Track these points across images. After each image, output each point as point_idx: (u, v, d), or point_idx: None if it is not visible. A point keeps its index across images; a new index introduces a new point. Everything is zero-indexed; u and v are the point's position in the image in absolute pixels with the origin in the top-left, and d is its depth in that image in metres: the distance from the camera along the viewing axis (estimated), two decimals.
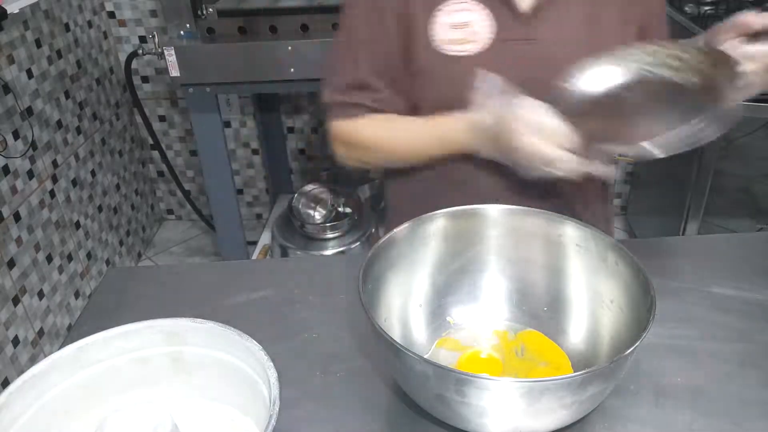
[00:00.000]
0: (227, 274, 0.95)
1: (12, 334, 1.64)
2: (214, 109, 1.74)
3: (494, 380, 0.57)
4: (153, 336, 0.62)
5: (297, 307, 0.85)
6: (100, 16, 2.20)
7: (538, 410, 0.57)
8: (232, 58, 1.61)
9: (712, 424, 0.66)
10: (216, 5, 1.68)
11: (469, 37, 0.86)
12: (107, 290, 0.91)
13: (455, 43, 0.86)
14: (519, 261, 0.78)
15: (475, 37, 0.86)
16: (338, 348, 0.78)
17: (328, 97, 0.95)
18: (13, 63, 1.70)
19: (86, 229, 2.07)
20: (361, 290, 0.64)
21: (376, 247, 0.70)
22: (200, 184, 2.55)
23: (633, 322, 0.65)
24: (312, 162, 2.55)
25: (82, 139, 2.07)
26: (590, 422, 0.66)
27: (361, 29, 0.91)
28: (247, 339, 0.59)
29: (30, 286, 1.74)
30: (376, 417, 0.69)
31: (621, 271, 0.69)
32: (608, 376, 0.58)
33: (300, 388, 0.72)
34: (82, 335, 0.60)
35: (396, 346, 0.58)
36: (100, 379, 0.61)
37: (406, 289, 0.76)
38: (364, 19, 0.90)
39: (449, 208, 0.76)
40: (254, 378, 0.59)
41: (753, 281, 0.86)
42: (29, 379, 0.56)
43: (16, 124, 1.70)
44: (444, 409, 0.61)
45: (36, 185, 1.79)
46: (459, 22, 0.86)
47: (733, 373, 0.72)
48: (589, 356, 0.72)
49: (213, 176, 1.85)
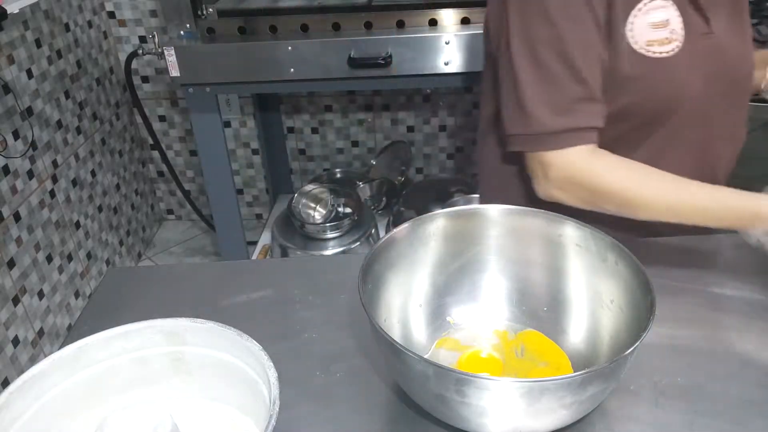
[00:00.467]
0: (227, 274, 0.95)
1: (12, 334, 1.64)
2: (214, 109, 1.74)
3: (494, 380, 0.57)
4: (153, 336, 0.62)
5: (297, 307, 0.85)
6: (100, 16, 2.20)
7: (538, 410, 0.57)
8: (232, 58, 1.61)
9: (712, 424, 0.66)
10: (216, 5, 1.68)
11: (671, 36, 0.82)
12: (107, 290, 0.91)
13: (661, 44, 0.82)
14: (519, 261, 0.78)
15: (675, 35, 0.82)
16: (338, 348, 0.78)
17: (545, 122, 0.80)
18: (13, 63, 1.70)
19: (86, 229, 2.07)
20: (361, 290, 0.64)
21: (376, 247, 0.70)
22: (200, 184, 2.55)
23: (633, 322, 0.65)
24: (312, 162, 2.55)
25: (82, 139, 2.07)
26: (590, 422, 0.66)
27: (571, 35, 0.78)
28: (247, 339, 0.59)
29: (30, 286, 1.74)
30: (376, 417, 0.69)
31: (621, 271, 0.69)
32: (608, 376, 0.58)
33: (300, 388, 0.72)
34: (82, 335, 0.60)
35: (396, 346, 0.58)
36: (100, 379, 0.61)
37: (406, 289, 0.76)
38: (570, 25, 0.78)
39: (450, 208, 0.77)
40: (254, 378, 0.59)
41: (753, 281, 0.86)
42: (29, 379, 0.56)
43: (16, 124, 1.70)
44: (444, 409, 0.61)
45: (36, 185, 1.79)
46: (659, 21, 0.82)
47: (733, 373, 0.72)
48: (589, 356, 0.71)
49: (213, 176, 1.85)
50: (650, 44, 0.81)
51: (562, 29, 0.78)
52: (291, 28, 1.65)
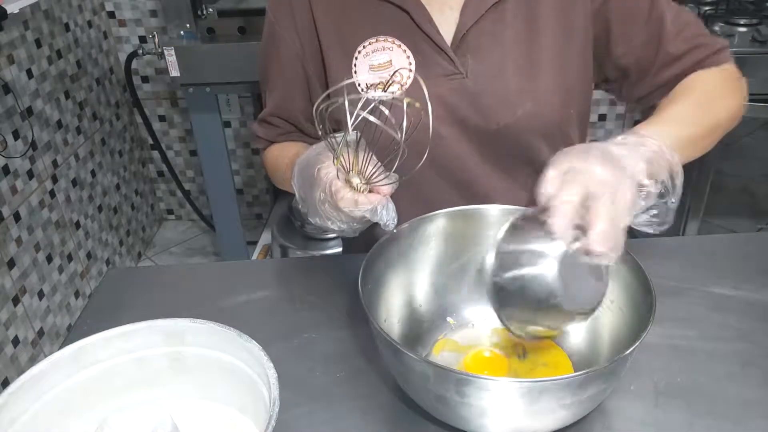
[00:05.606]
0: (227, 274, 0.95)
1: (12, 334, 1.64)
2: (214, 109, 1.74)
3: (494, 380, 0.57)
4: (153, 336, 0.62)
5: (297, 307, 0.85)
6: (100, 16, 2.20)
7: (538, 410, 0.57)
8: (232, 58, 1.61)
9: (712, 424, 0.66)
10: (216, 5, 1.68)
11: (395, 78, 0.79)
12: (107, 290, 0.91)
13: (380, 87, 0.76)
14: None
15: (398, 77, 0.80)
16: (338, 348, 0.78)
17: (253, 128, 1.00)
18: (13, 63, 1.70)
19: (86, 229, 2.07)
20: (361, 290, 0.64)
21: (376, 247, 0.70)
22: (200, 184, 2.55)
23: (633, 322, 0.65)
24: None
25: (82, 139, 2.07)
26: (590, 422, 0.66)
27: (269, 75, 0.92)
28: (247, 339, 0.59)
29: (30, 286, 1.74)
30: (376, 417, 0.69)
31: (621, 271, 0.69)
32: (608, 376, 0.58)
33: (300, 388, 0.72)
34: (82, 335, 0.60)
35: (396, 346, 0.58)
36: (100, 379, 0.61)
37: (406, 289, 0.76)
38: (271, 68, 0.91)
39: (450, 208, 0.76)
40: (254, 378, 0.59)
41: (753, 281, 0.86)
42: (29, 379, 0.56)
43: (16, 124, 1.70)
44: (444, 409, 0.61)
45: (36, 185, 1.79)
46: (380, 63, 0.81)
47: (733, 373, 0.72)
48: (589, 356, 0.71)
49: (213, 176, 1.85)
50: (371, 87, 0.81)
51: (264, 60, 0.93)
52: None
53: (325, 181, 0.64)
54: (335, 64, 0.85)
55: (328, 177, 0.64)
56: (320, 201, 0.65)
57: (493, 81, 0.82)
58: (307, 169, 0.67)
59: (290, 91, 0.91)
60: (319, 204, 0.65)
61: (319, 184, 0.65)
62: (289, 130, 0.95)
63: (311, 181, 0.66)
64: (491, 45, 0.81)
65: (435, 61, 0.82)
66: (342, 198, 0.62)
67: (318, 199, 0.65)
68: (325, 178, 0.64)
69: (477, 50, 0.81)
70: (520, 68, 0.81)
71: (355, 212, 0.62)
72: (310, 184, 0.66)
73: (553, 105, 0.83)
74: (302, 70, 0.89)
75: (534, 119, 0.83)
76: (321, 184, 0.64)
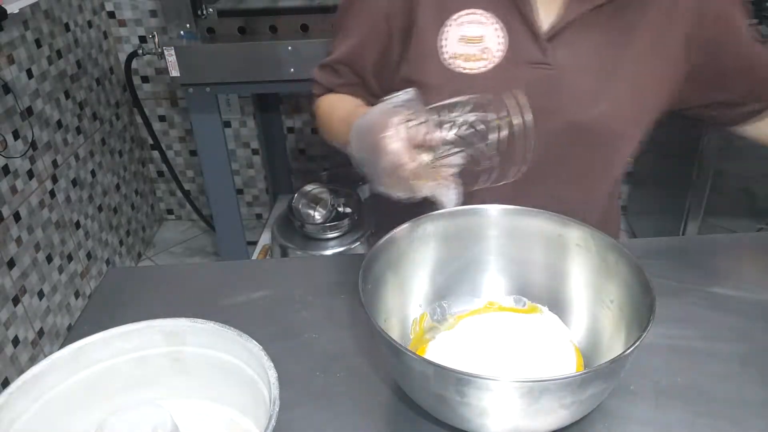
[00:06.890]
0: (227, 274, 0.95)
1: (12, 334, 1.64)
2: (214, 109, 1.74)
3: (494, 380, 0.57)
4: (153, 336, 0.62)
5: (297, 307, 0.85)
6: (100, 16, 2.20)
7: (538, 410, 0.57)
8: (232, 58, 1.61)
9: (712, 424, 0.66)
10: (216, 5, 1.68)
11: (482, 54, 0.80)
12: (107, 290, 0.91)
13: (467, 59, 0.81)
14: (519, 261, 0.78)
15: (487, 54, 0.80)
16: (338, 348, 0.78)
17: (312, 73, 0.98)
18: (13, 63, 1.70)
19: (86, 229, 2.07)
20: (361, 290, 0.64)
21: (376, 247, 0.70)
22: (200, 184, 2.55)
23: (633, 322, 0.65)
24: (312, 162, 2.55)
25: (82, 139, 2.07)
26: (590, 422, 0.66)
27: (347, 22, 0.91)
28: (247, 339, 0.59)
29: (30, 286, 1.74)
30: (376, 417, 0.69)
31: (621, 271, 0.69)
32: (608, 376, 0.58)
33: (300, 388, 0.72)
34: (82, 335, 0.60)
35: (396, 346, 0.58)
36: (100, 379, 0.61)
37: (406, 289, 0.76)
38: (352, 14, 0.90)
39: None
40: (254, 378, 0.59)
41: (753, 281, 0.86)
42: (29, 379, 0.56)
43: (16, 124, 1.70)
44: (444, 409, 0.61)
45: (36, 185, 1.79)
46: (472, 36, 0.81)
47: (733, 373, 0.72)
48: (589, 356, 0.72)
49: (213, 176, 1.85)
50: (454, 57, 0.81)
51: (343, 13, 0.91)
52: (291, 28, 1.65)
53: (390, 153, 0.63)
54: (425, 24, 0.83)
55: (394, 149, 0.63)
56: (385, 171, 0.65)
57: (576, 78, 0.82)
58: (370, 134, 0.66)
59: (367, 42, 0.90)
60: (382, 173, 0.65)
61: (383, 154, 0.64)
62: (353, 82, 0.94)
63: (374, 147, 0.65)
64: (583, 43, 0.82)
65: (525, 47, 0.81)
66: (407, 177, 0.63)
67: (382, 169, 0.65)
68: (392, 151, 0.63)
69: (569, 45, 0.82)
70: (603, 71, 0.82)
71: (418, 192, 0.64)
72: (373, 151, 0.65)
73: (624, 113, 0.84)
74: (386, 25, 0.87)
75: (606, 121, 0.84)
76: (386, 154, 0.63)
